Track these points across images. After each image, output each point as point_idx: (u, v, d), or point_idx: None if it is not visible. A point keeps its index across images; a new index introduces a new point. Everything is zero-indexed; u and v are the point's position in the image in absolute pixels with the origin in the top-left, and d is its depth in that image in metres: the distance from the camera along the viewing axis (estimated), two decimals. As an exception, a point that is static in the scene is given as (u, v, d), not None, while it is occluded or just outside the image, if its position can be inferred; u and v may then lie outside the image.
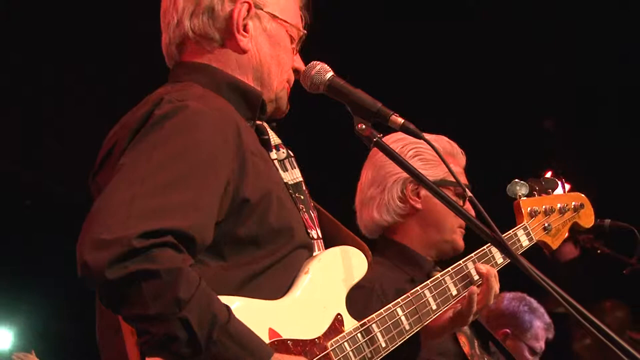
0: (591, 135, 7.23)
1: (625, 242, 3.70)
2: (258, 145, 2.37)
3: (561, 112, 7.36)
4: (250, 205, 2.22)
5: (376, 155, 3.19)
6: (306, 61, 2.56)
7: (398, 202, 3.18)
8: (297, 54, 2.57)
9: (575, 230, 3.20)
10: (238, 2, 2.41)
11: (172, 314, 1.98)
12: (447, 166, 2.45)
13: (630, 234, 3.62)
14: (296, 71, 2.54)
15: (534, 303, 5.08)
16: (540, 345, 4.99)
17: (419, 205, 3.17)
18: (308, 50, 2.57)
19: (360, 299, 2.48)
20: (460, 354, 3.08)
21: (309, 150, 2.66)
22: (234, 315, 2.07)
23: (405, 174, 3.13)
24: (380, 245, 3.24)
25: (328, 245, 2.46)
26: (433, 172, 3.14)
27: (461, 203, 3.09)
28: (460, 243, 3.21)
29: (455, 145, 3.27)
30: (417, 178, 2.48)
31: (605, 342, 2.28)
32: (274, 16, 2.48)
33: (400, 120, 2.39)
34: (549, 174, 3.38)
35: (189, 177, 2.11)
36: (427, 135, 2.80)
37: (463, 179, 3.17)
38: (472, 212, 2.68)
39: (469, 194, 2.42)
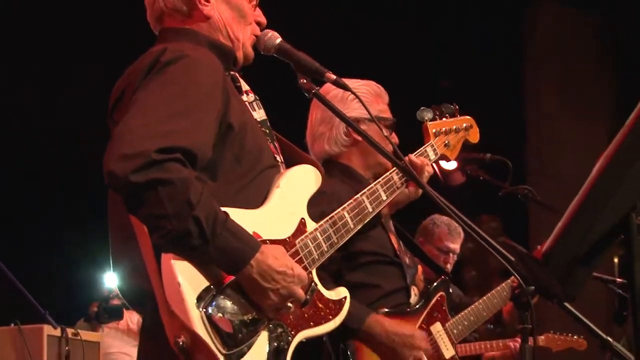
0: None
1: (501, 171, 4.33)
2: (234, 89, 2.76)
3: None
4: (233, 131, 2.61)
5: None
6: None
7: (344, 136, 3.72)
8: (258, 8, 2.92)
9: (466, 145, 3.84)
10: None
11: (186, 212, 2.35)
12: (368, 110, 3.00)
13: (505, 165, 4.26)
14: (259, 23, 2.90)
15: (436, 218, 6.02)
16: (446, 245, 5.87)
17: (359, 138, 3.63)
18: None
19: (318, 202, 2.93)
20: (392, 249, 3.69)
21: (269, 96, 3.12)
22: (229, 216, 2.46)
23: (349, 114, 3.54)
24: (328, 167, 3.61)
25: (289, 165, 2.86)
26: (369, 109, 3.66)
27: (388, 132, 3.64)
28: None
29: (381, 87, 3.79)
30: (344, 120, 3.00)
31: (484, 244, 2.67)
32: None
33: (333, 76, 2.86)
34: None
35: (191, 109, 2.49)
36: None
37: (389, 114, 3.75)
38: (397, 139, 3.59)
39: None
